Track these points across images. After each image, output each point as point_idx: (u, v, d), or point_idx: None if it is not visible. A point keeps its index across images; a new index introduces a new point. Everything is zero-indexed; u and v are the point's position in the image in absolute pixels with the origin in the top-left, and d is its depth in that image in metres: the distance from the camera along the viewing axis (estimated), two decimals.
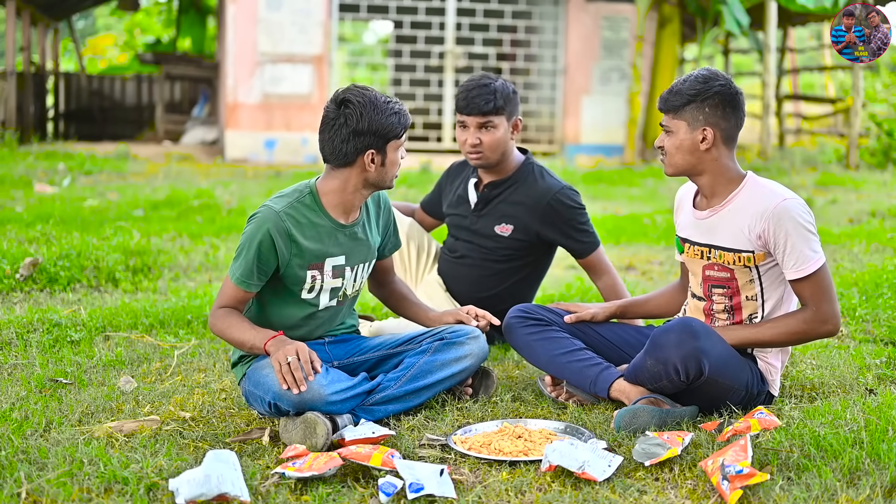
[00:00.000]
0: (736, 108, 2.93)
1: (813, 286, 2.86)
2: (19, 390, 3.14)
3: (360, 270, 3.06)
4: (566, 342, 3.16)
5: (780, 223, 2.83)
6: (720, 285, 3.01)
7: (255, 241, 2.85)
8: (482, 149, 3.66)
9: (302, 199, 2.92)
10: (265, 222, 2.85)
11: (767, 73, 12.58)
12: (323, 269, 2.95)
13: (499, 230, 3.73)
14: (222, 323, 2.91)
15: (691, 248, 3.06)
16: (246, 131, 12.58)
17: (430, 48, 13.35)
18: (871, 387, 3.23)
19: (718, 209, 2.97)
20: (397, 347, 3.12)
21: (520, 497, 2.40)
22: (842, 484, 2.38)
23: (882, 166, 11.80)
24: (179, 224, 6.91)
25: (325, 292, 2.98)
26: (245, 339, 2.88)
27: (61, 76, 17.76)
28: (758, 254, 2.90)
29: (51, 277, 4.82)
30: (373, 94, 2.89)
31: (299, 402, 2.74)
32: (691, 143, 2.92)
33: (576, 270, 5.66)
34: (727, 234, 2.94)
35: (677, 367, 2.78)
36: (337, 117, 2.86)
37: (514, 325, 3.25)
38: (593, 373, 3.07)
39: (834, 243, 6.39)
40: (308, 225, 2.91)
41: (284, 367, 2.76)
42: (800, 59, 18.36)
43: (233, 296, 2.92)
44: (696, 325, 2.81)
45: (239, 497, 2.29)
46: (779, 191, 2.91)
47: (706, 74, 2.93)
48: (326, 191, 2.95)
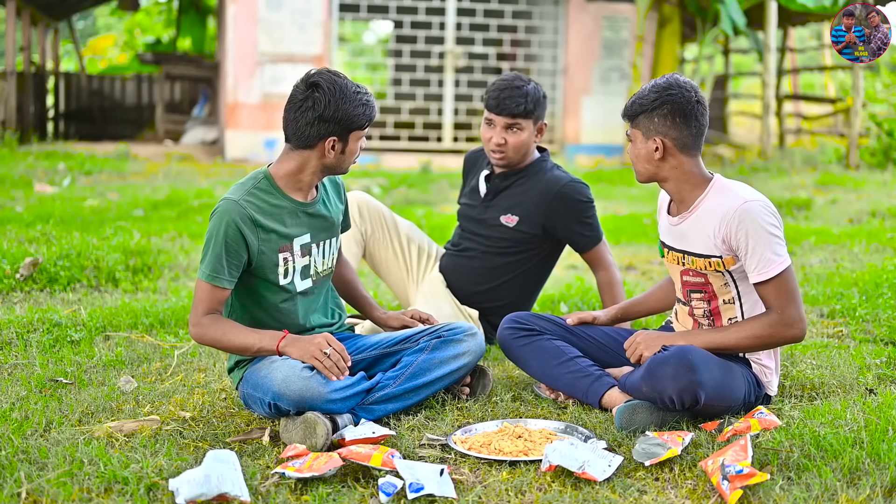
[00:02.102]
0: (689, 117, 2.87)
1: (776, 289, 2.82)
2: (19, 390, 3.14)
3: (327, 247, 3.07)
4: (558, 351, 3.15)
5: (741, 225, 2.80)
6: (697, 290, 3.01)
7: (219, 234, 2.83)
8: (506, 149, 3.68)
9: (258, 185, 2.92)
10: (226, 214, 2.83)
11: (767, 73, 12.58)
12: (292, 249, 2.95)
13: (504, 220, 3.75)
14: (214, 330, 2.85)
15: (669, 253, 3.06)
16: (246, 131, 12.58)
17: (430, 48, 13.34)
18: (871, 387, 3.23)
19: (687, 215, 2.96)
20: (394, 346, 3.12)
21: (520, 497, 2.40)
22: (842, 484, 2.38)
23: (882, 166, 11.79)
24: (179, 224, 6.91)
25: (297, 273, 2.98)
26: (249, 342, 2.85)
27: (61, 76, 17.75)
28: (726, 258, 2.88)
29: (51, 277, 4.82)
30: (343, 82, 2.86)
31: (299, 401, 2.74)
32: (647, 153, 2.92)
33: (576, 270, 5.66)
34: (696, 240, 2.93)
35: (673, 398, 2.78)
36: (305, 99, 2.85)
37: (505, 335, 3.24)
38: (585, 384, 3.07)
39: (834, 243, 6.39)
40: (269, 208, 2.90)
41: (327, 361, 2.78)
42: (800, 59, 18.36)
43: (209, 297, 2.85)
44: (693, 356, 2.77)
45: (239, 497, 2.29)
46: (742, 193, 2.86)
47: (662, 84, 2.90)
48: (282, 174, 2.94)
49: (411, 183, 10.12)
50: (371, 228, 3.90)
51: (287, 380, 2.75)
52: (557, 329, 3.24)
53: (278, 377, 2.76)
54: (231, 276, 2.86)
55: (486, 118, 3.71)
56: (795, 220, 7.65)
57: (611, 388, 3.03)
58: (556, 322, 3.27)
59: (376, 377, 2.97)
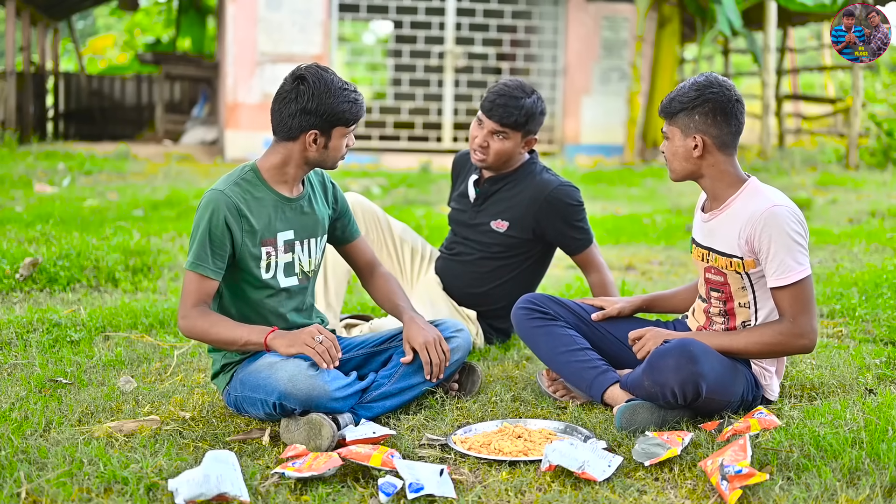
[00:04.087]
0: (729, 115, 2.89)
1: (792, 297, 2.82)
2: (19, 390, 3.14)
3: (312, 246, 3.06)
4: (569, 339, 3.15)
5: (766, 229, 2.81)
6: (716, 289, 3.01)
7: (204, 223, 2.85)
8: (487, 153, 3.69)
9: (244, 176, 2.94)
10: (212, 203, 2.85)
11: (767, 73, 12.58)
12: (276, 244, 2.95)
13: (495, 226, 3.75)
14: (202, 322, 2.85)
15: (696, 249, 3.07)
16: (246, 131, 12.58)
17: (430, 48, 13.35)
18: (871, 387, 3.23)
19: (718, 213, 2.97)
20: (381, 344, 3.15)
21: (520, 497, 2.40)
22: (842, 484, 2.38)
23: (882, 166, 11.80)
24: (179, 224, 6.91)
25: (280, 269, 2.98)
26: (236, 336, 2.85)
27: (61, 76, 17.76)
28: (747, 260, 2.88)
29: (51, 277, 4.82)
30: (329, 77, 2.88)
31: (307, 400, 2.73)
32: (685, 150, 2.92)
33: (575, 270, 5.66)
34: (723, 238, 2.94)
35: (675, 390, 2.78)
36: (290, 91, 2.88)
37: (520, 315, 3.25)
38: (590, 376, 3.07)
39: (834, 243, 6.39)
40: (253, 200, 2.91)
41: (319, 347, 2.79)
42: (800, 59, 18.35)
43: (196, 289, 2.86)
44: (695, 348, 2.78)
45: (238, 497, 2.29)
46: (772, 197, 2.87)
47: (702, 82, 2.91)
48: (268, 166, 2.96)
49: (411, 183, 10.12)
50: (365, 229, 3.90)
51: (294, 378, 2.74)
52: (572, 318, 3.23)
53: (284, 376, 2.75)
54: (216, 267, 2.86)
55: (477, 116, 3.72)
56: None
57: (615, 383, 3.03)
58: (572, 310, 3.27)
59: (370, 376, 2.98)
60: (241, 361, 2.96)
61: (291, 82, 2.89)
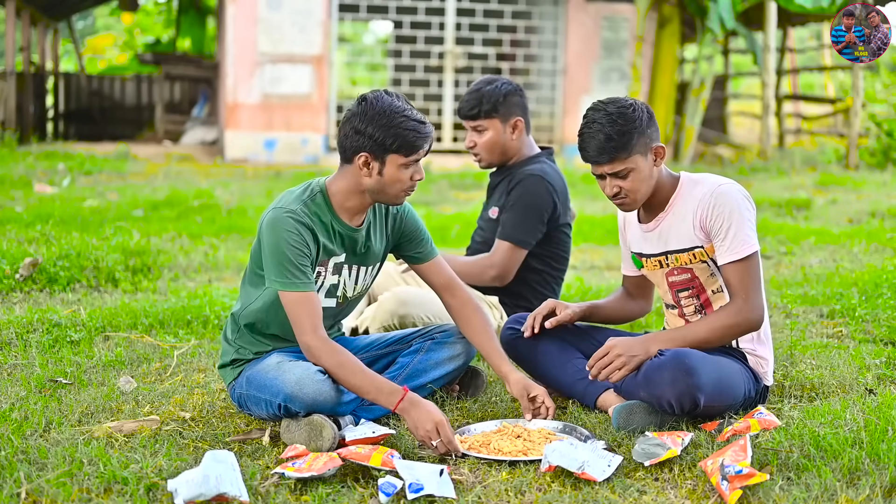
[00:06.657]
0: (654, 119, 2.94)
1: (745, 272, 2.85)
2: (19, 390, 3.14)
3: (361, 274, 3.02)
4: (558, 352, 3.15)
5: (717, 207, 2.86)
6: (684, 288, 3.02)
7: (284, 242, 2.77)
8: (478, 150, 3.74)
9: (313, 198, 2.88)
10: (287, 222, 2.79)
11: (767, 74, 12.58)
12: (327, 265, 2.92)
13: (491, 213, 3.79)
14: (330, 360, 2.75)
15: (648, 260, 3.07)
16: (246, 131, 12.57)
17: (430, 48, 13.34)
18: (870, 387, 3.23)
19: (663, 216, 2.99)
20: (387, 347, 3.15)
21: (519, 497, 2.40)
22: (841, 484, 2.38)
23: (882, 166, 11.80)
24: (179, 224, 6.91)
25: (323, 290, 2.95)
26: (364, 389, 2.73)
27: (61, 76, 17.75)
28: (707, 246, 2.92)
29: (50, 277, 4.82)
30: (389, 101, 2.82)
31: (312, 403, 2.73)
32: (649, 169, 2.92)
33: (575, 271, 5.66)
34: (677, 237, 2.96)
35: (671, 403, 2.77)
36: (351, 110, 2.85)
37: (507, 337, 3.25)
38: (581, 387, 3.09)
39: (834, 243, 6.39)
40: (319, 224, 2.87)
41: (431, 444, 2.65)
42: (799, 59, 18.34)
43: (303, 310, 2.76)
44: (690, 360, 2.76)
45: (238, 497, 2.29)
46: (713, 179, 2.95)
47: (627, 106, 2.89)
48: (335, 191, 2.90)
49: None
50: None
51: (301, 382, 2.73)
52: (559, 329, 3.23)
53: (291, 379, 2.74)
54: (308, 279, 2.80)
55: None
56: (795, 220, 7.65)
57: (605, 390, 3.04)
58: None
59: None
60: (252, 360, 2.96)
61: (356, 103, 2.85)
